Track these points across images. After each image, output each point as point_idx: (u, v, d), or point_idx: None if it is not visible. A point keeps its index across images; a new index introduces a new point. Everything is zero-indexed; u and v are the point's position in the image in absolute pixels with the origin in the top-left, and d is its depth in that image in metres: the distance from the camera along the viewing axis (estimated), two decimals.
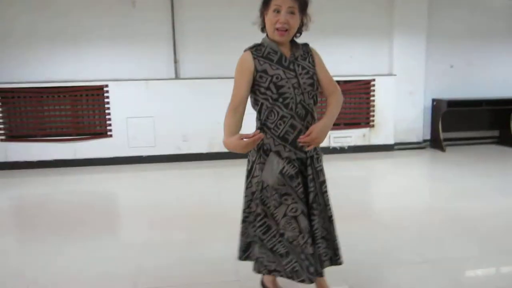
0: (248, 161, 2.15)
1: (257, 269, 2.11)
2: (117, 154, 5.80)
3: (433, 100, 6.60)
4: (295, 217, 2.01)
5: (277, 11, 1.98)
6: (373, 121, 6.33)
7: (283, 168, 2.01)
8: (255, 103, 2.10)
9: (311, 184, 2.04)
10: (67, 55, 5.80)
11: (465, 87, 6.79)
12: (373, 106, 6.30)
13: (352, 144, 6.31)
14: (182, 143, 5.90)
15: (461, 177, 5.02)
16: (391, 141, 6.42)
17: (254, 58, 2.05)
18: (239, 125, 2.02)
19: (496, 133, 7.11)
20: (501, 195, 4.23)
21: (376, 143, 6.37)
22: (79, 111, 5.75)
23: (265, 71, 2.01)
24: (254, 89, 2.06)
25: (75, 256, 2.93)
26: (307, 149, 2.00)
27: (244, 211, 2.17)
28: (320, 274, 2.07)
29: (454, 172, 5.25)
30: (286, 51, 2.08)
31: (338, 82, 6.75)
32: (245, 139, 1.84)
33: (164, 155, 5.88)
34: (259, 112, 2.09)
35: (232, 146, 1.88)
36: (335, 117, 2.14)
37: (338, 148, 6.28)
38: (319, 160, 2.11)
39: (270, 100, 2.02)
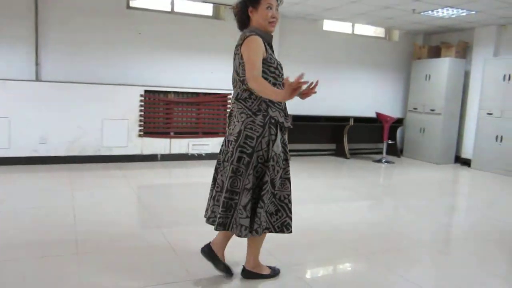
0: (248, 143, 2.38)
1: (256, 231, 2.41)
2: None
3: None
4: (289, 178, 2.51)
5: (270, 8, 2.44)
6: None
7: (282, 137, 2.47)
8: None
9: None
10: None
11: (311, 105, 7.86)
12: None
13: (209, 151, 6.90)
14: (40, 146, 5.88)
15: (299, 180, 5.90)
16: None
17: (263, 43, 2.41)
18: None
19: (333, 146, 8.35)
20: (325, 196, 5.15)
21: None
22: None
23: (271, 54, 2.46)
24: (264, 69, 2.39)
25: None
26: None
27: (249, 189, 2.38)
28: None
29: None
30: None
31: (198, 94, 7.31)
32: (293, 84, 2.10)
33: (20, 157, 5.79)
34: None
35: (286, 96, 2.14)
36: None
37: (196, 155, 6.82)
38: None
39: (278, 78, 2.46)
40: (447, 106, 7.88)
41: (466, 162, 7.78)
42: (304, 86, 2.21)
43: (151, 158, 6.54)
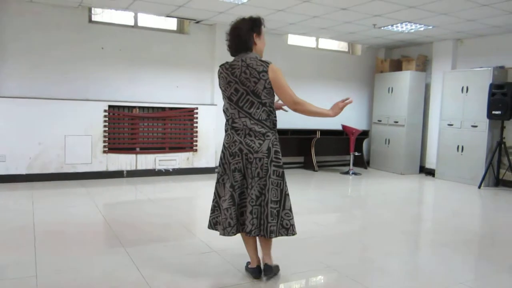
0: (278, 157, 2.76)
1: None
2: None
3: None
4: None
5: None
6: (196, 145, 6.94)
7: None
8: (273, 104, 2.77)
9: None
10: None
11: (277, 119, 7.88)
12: (196, 132, 6.93)
13: (176, 166, 6.81)
14: None
15: None
16: (212, 165, 7.10)
17: None
18: None
19: (301, 159, 8.40)
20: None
21: (199, 166, 6.98)
22: None
23: None
24: (274, 93, 2.76)
25: None
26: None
27: (288, 194, 2.80)
28: None
29: None
30: None
31: (164, 109, 7.22)
32: (341, 104, 2.83)
33: None
34: (274, 112, 2.76)
35: (338, 112, 2.83)
36: None
37: (163, 171, 6.71)
38: None
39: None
40: (410, 118, 8.09)
41: (430, 172, 7.98)
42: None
43: (117, 174, 6.39)
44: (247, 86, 2.67)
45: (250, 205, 2.70)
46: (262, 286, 2.80)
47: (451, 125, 7.44)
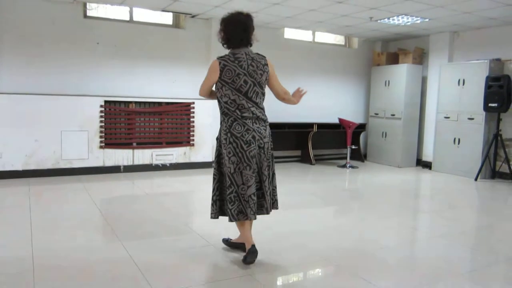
0: (271, 140, 3.09)
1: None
2: None
3: None
4: None
5: None
6: (193, 140, 6.93)
7: None
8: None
9: None
10: None
11: (275, 113, 7.84)
12: (193, 127, 6.92)
13: (173, 161, 6.80)
14: None
15: None
16: (209, 159, 7.09)
17: None
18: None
19: (298, 152, 8.41)
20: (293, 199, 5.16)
21: (196, 160, 6.98)
22: None
23: None
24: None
25: None
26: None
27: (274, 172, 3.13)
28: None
29: None
30: None
31: (161, 103, 7.19)
32: (301, 93, 3.25)
33: None
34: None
35: (299, 100, 3.24)
36: None
37: (161, 165, 6.71)
38: None
39: None
40: (406, 111, 8.10)
41: (427, 165, 7.99)
42: None
43: (114, 169, 6.38)
44: (254, 78, 2.92)
45: (266, 186, 2.99)
46: (260, 279, 2.80)
47: (448, 117, 7.45)
